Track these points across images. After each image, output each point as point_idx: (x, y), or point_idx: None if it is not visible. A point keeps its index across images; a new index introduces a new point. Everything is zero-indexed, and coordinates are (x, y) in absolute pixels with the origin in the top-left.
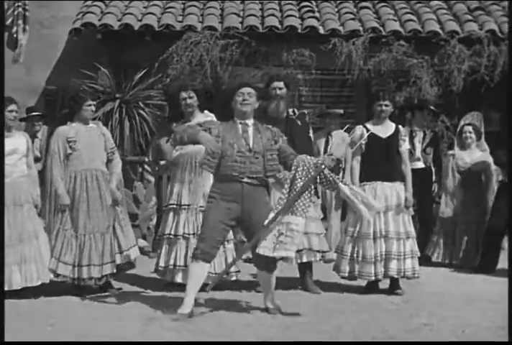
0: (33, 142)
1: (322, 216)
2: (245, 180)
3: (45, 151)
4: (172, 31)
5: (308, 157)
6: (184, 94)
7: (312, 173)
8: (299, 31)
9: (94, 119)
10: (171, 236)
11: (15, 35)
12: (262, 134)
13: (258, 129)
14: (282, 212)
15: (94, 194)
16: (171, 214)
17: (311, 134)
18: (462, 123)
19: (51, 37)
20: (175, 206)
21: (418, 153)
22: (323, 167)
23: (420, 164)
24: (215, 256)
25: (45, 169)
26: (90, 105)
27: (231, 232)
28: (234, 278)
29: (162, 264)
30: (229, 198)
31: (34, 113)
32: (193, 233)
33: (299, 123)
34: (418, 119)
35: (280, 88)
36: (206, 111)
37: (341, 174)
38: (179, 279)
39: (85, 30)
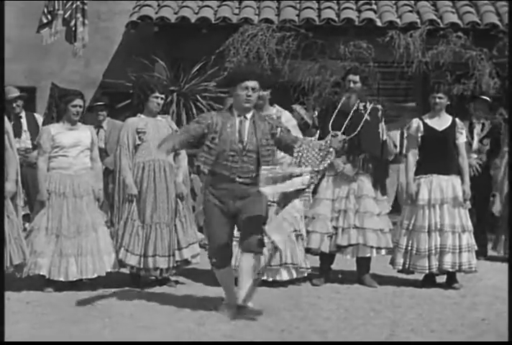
0: (98, 132)
1: (386, 211)
2: (237, 179)
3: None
4: (228, 23)
5: (312, 141)
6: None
7: (319, 157)
8: (356, 23)
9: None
10: None
11: (73, 28)
12: (258, 129)
13: (255, 123)
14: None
15: (161, 185)
16: None
17: (382, 129)
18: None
19: (108, 30)
20: None
21: (475, 145)
22: (331, 149)
23: (474, 157)
24: (232, 256)
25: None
26: (157, 97)
27: None
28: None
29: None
30: (223, 197)
31: (98, 103)
32: None
33: (368, 118)
34: (476, 110)
35: (355, 82)
36: (276, 106)
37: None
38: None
39: (142, 23)
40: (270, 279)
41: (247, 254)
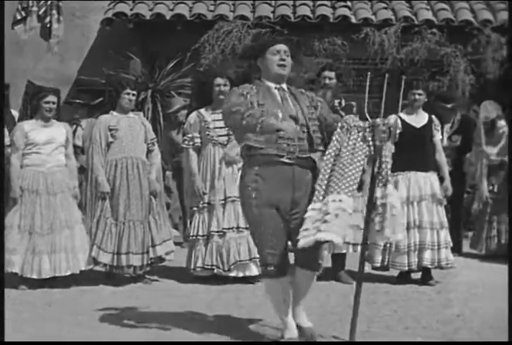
0: (75, 130)
1: (362, 208)
2: (295, 161)
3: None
4: (203, 20)
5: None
6: (220, 80)
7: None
8: (331, 20)
9: (133, 110)
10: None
11: (48, 25)
12: (300, 101)
13: (294, 95)
14: (326, 190)
15: (134, 182)
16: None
17: None
18: (482, 116)
19: (83, 27)
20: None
21: (445, 142)
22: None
23: None
24: (289, 263)
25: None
26: (128, 93)
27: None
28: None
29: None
30: (276, 186)
31: (76, 101)
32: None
33: (343, 114)
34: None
35: (331, 78)
36: None
37: None
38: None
39: (116, 20)
40: (241, 274)
41: (304, 270)
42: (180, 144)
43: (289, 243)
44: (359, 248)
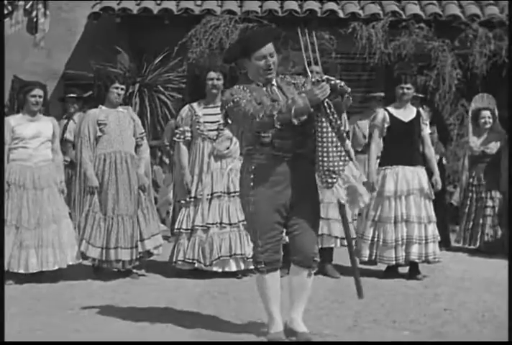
0: (67, 124)
1: None
2: (291, 157)
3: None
4: (191, 15)
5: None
6: (214, 74)
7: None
8: (319, 15)
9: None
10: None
11: (35, 19)
12: (288, 93)
13: (282, 89)
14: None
15: (123, 177)
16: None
17: (344, 120)
18: (473, 106)
19: (70, 21)
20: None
21: None
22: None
23: None
24: (281, 260)
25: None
26: (117, 88)
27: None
28: None
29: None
30: (274, 182)
31: (70, 95)
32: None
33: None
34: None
35: (316, 73)
36: None
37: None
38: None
39: (104, 14)
40: (220, 270)
41: (301, 269)
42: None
43: (286, 239)
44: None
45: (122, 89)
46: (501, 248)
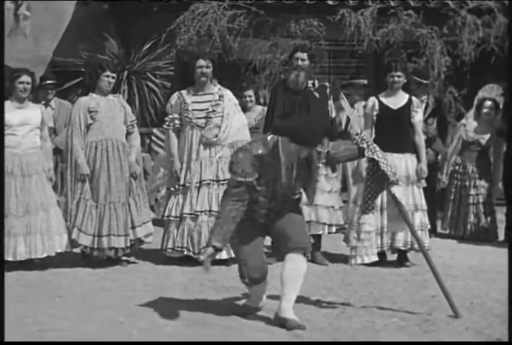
0: None
1: (336, 189)
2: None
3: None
4: (179, 1)
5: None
6: (203, 62)
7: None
8: (307, 1)
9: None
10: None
11: (20, 6)
12: None
13: None
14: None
15: (115, 164)
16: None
17: (330, 107)
18: (480, 95)
19: (58, 7)
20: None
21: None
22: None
23: None
24: (267, 272)
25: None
26: (108, 76)
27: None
28: None
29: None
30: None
31: (48, 82)
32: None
33: (317, 95)
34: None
35: (303, 60)
36: (216, 84)
37: None
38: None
39: (92, 1)
40: None
41: (294, 255)
42: None
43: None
44: (333, 229)
45: (113, 77)
46: (485, 236)
